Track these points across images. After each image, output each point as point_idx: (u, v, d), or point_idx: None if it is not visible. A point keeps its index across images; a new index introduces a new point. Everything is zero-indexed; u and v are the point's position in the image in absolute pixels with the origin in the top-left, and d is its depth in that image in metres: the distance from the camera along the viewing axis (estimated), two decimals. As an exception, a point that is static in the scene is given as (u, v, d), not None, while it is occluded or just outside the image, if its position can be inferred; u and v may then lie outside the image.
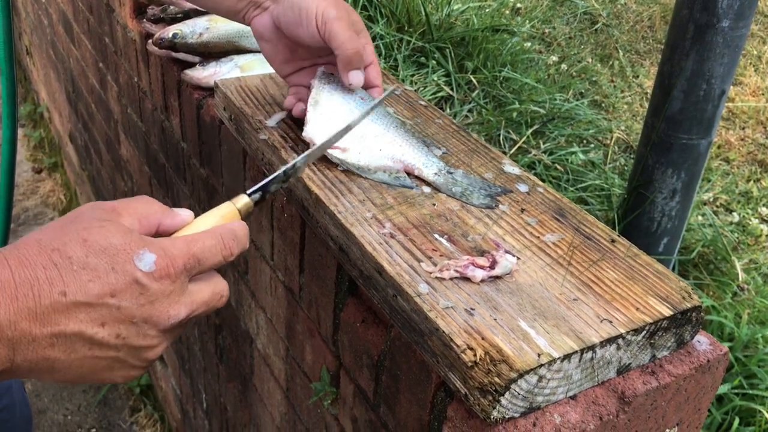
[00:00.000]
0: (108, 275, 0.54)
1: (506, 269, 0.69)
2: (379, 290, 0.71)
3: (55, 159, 3.68)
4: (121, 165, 2.05)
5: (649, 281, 0.70)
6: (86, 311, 0.53)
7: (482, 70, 2.71)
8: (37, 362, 0.53)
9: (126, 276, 0.54)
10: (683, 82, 1.94)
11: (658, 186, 2.09)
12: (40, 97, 3.81)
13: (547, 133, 2.50)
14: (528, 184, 0.85)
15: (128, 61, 1.62)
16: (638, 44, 4.02)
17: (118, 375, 0.59)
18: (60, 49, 2.69)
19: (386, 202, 0.80)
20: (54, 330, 0.52)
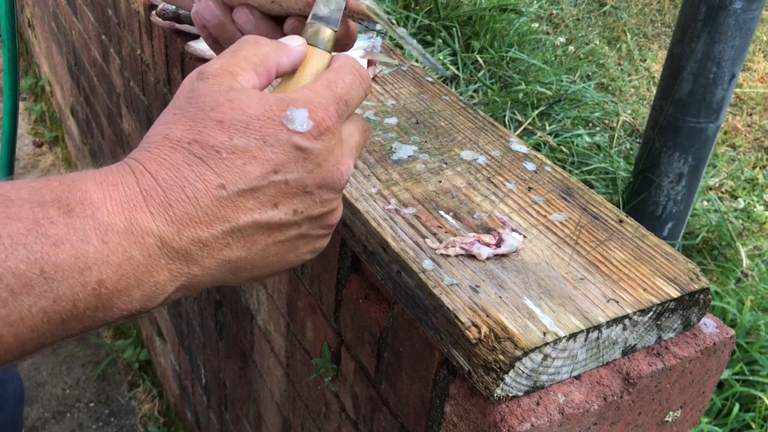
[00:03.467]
0: (263, 151, 0.46)
1: (512, 247, 0.67)
2: (383, 266, 0.70)
3: (56, 133, 3.66)
4: (122, 139, 2.04)
5: (657, 262, 0.69)
6: (253, 197, 0.46)
7: (489, 50, 2.69)
8: (217, 268, 0.47)
9: (283, 145, 0.47)
10: (693, 64, 1.92)
11: (665, 170, 2.07)
12: (42, 71, 3.79)
13: (553, 115, 2.48)
14: (536, 163, 0.84)
15: (131, 33, 1.61)
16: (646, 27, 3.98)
17: (305, 251, 0.52)
18: (62, 21, 2.67)
19: (391, 178, 0.79)
20: (225, 227, 0.46)
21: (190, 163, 0.45)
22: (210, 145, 0.46)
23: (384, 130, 0.89)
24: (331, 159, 0.49)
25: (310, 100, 0.48)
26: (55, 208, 0.42)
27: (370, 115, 0.92)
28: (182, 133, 0.46)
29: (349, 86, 0.51)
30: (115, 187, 0.44)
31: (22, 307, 0.40)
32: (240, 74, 0.49)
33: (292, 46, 0.52)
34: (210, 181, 0.45)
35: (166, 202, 0.44)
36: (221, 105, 0.47)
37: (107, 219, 0.43)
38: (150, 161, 0.46)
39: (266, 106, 0.47)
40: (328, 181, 0.50)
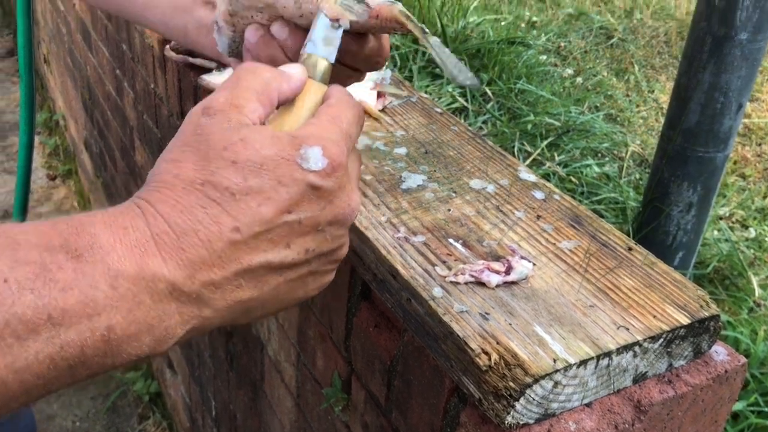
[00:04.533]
0: (278, 192, 0.45)
1: (522, 275, 0.68)
2: (393, 294, 0.71)
3: (69, 166, 3.70)
4: (135, 171, 2.06)
5: (666, 289, 0.69)
6: (267, 238, 0.46)
7: (497, 81, 2.71)
8: (228, 309, 0.47)
9: (298, 184, 0.46)
10: (700, 94, 1.93)
11: (674, 199, 2.07)
12: (57, 105, 3.85)
13: (562, 145, 2.49)
14: (544, 192, 0.84)
15: (145, 67, 1.64)
16: (654, 59, 4.01)
17: (312, 287, 0.52)
18: (77, 57, 2.72)
19: (401, 207, 0.80)
20: (238, 269, 0.45)
21: (204, 205, 0.45)
22: (224, 187, 0.45)
23: (393, 159, 0.90)
24: (343, 195, 0.49)
25: (321, 137, 0.48)
26: (63, 253, 0.41)
27: (380, 145, 0.93)
28: (194, 173, 0.45)
29: (351, 121, 0.51)
30: (125, 231, 0.43)
31: (28, 354, 0.39)
32: (245, 106, 0.48)
33: (292, 73, 0.52)
34: (224, 224, 0.45)
35: (178, 247, 0.44)
36: (234, 144, 0.46)
37: (117, 264, 0.42)
38: (161, 203, 0.45)
39: (279, 146, 0.46)
40: (339, 217, 0.49)
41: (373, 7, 0.56)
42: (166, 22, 0.71)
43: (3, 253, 0.40)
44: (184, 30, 0.70)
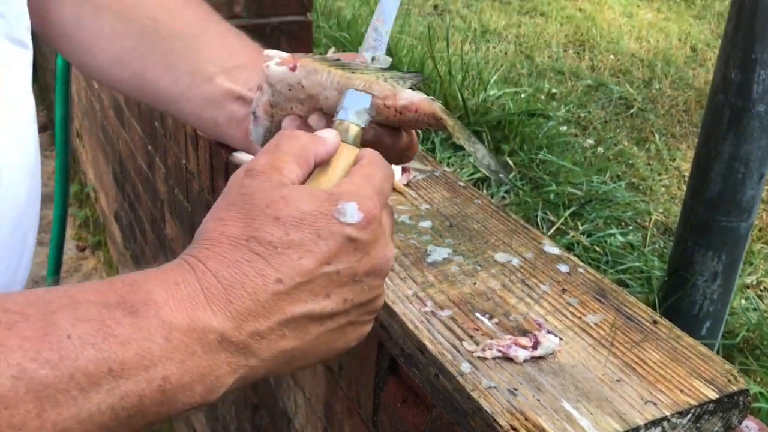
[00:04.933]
0: (317, 245, 0.49)
1: (549, 350, 0.69)
2: (421, 369, 0.72)
3: (98, 238, 3.77)
4: (165, 244, 2.10)
5: (693, 363, 0.70)
6: (307, 289, 0.49)
7: (518, 152, 2.75)
8: (273, 359, 0.49)
9: (336, 238, 0.49)
10: (721, 165, 1.94)
11: (699, 268, 2.06)
12: (87, 178, 3.94)
13: (585, 214, 2.50)
14: (569, 265, 0.86)
15: (177, 144, 1.69)
16: (674, 128, 4.04)
17: (352, 338, 0.54)
18: (110, 132, 2.81)
19: (427, 280, 0.81)
20: (281, 319, 0.48)
21: (249, 259, 0.47)
22: (267, 241, 0.48)
23: (419, 233, 0.92)
24: (378, 246, 0.52)
25: (356, 193, 0.51)
26: (120, 309, 0.44)
27: (405, 219, 0.95)
28: (240, 231, 0.49)
29: (382, 179, 0.55)
30: (176, 286, 0.46)
31: (91, 405, 0.42)
32: (284, 168, 0.52)
33: (326, 138, 0.56)
34: (268, 276, 0.47)
35: (226, 299, 0.46)
36: (276, 202, 0.49)
37: (170, 317, 0.45)
38: (210, 259, 0.48)
39: (318, 202, 0.50)
40: (375, 268, 0.52)
41: (416, 102, 0.60)
42: (198, 114, 0.75)
43: (65, 312, 0.43)
44: (215, 122, 0.74)
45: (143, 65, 0.76)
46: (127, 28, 0.77)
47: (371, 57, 0.64)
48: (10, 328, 0.42)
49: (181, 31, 0.76)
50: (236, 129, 0.73)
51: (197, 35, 0.76)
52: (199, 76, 0.73)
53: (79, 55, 0.81)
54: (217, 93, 0.73)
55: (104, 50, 0.78)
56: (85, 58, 0.81)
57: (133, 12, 0.77)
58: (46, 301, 0.44)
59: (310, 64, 0.61)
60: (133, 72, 0.77)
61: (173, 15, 0.77)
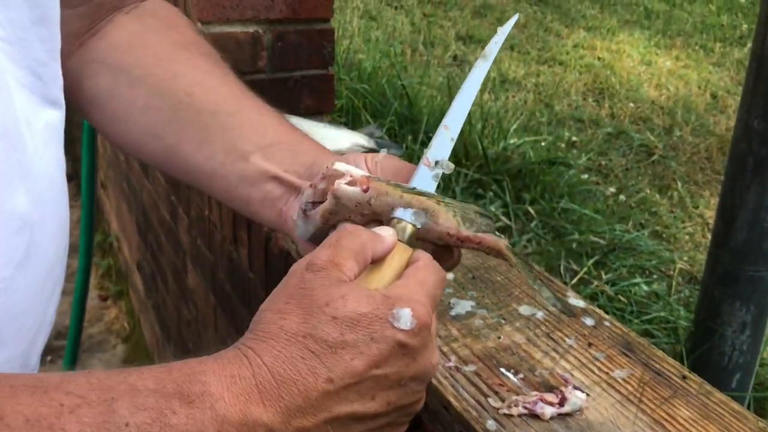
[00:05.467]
0: (369, 347, 0.50)
1: (576, 406, 0.67)
2: (446, 427, 0.71)
3: (120, 287, 3.79)
4: (186, 294, 2.11)
5: (725, 420, 0.68)
6: (355, 390, 0.50)
7: (540, 201, 2.75)
8: None
9: (388, 342, 0.51)
10: (746, 213, 1.93)
11: (727, 319, 2.03)
12: (111, 227, 3.99)
13: (609, 263, 2.48)
14: (594, 318, 0.85)
15: (200, 195, 1.71)
16: (696, 175, 4.02)
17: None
18: (133, 182, 2.85)
19: (451, 334, 0.81)
20: (326, 416, 0.50)
21: (304, 357, 0.49)
22: (323, 340, 0.50)
23: (442, 287, 0.91)
24: (426, 353, 0.53)
25: (411, 298, 0.53)
26: (177, 399, 0.46)
27: (429, 272, 0.95)
28: (298, 326, 0.50)
29: (435, 284, 0.56)
30: (232, 380, 0.48)
31: None
32: (344, 264, 0.54)
33: (385, 237, 0.58)
34: (320, 375, 0.49)
35: (278, 395, 0.48)
36: (335, 301, 0.51)
37: (224, 411, 0.46)
38: (266, 353, 0.49)
39: (374, 305, 0.51)
40: (420, 373, 0.53)
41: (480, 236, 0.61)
42: (231, 192, 0.75)
43: (123, 399, 0.45)
44: (247, 201, 0.74)
45: (177, 140, 0.75)
46: (162, 101, 0.76)
47: (435, 161, 0.65)
48: (72, 412, 0.43)
49: (216, 107, 0.75)
50: (269, 209, 0.72)
51: (233, 112, 0.75)
52: (234, 154, 0.73)
53: (110, 126, 0.80)
54: (251, 172, 0.72)
55: (137, 122, 0.77)
56: (117, 129, 0.80)
57: (168, 86, 0.76)
58: (107, 387, 0.45)
59: (383, 188, 0.61)
60: (165, 146, 0.76)
61: (209, 91, 0.76)
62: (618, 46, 6.05)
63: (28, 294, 0.62)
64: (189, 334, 2.13)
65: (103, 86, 0.78)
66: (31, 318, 0.64)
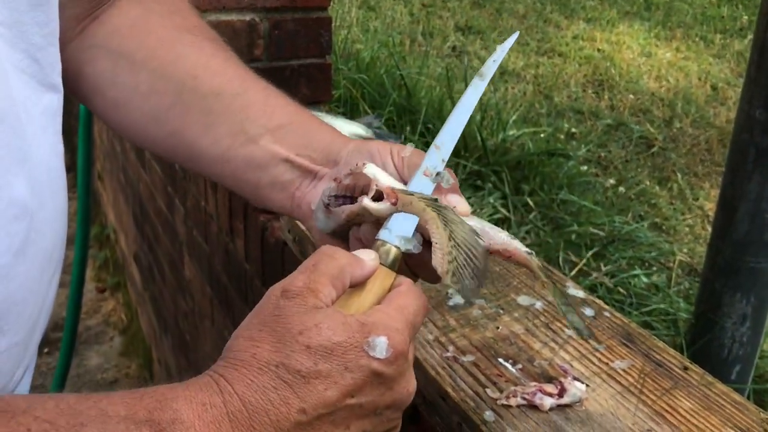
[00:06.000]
0: (344, 377, 0.49)
1: (575, 397, 0.66)
2: (443, 417, 0.69)
3: (117, 279, 3.78)
4: (183, 285, 2.10)
5: (726, 412, 0.67)
6: (329, 420, 0.50)
7: (539, 192, 2.73)
8: None
9: (363, 372, 0.50)
10: (747, 204, 1.91)
11: (727, 311, 2.02)
12: (108, 219, 3.98)
13: (608, 255, 2.47)
14: (593, 309, 0.83)
15: (196, 185, 1.69)
16: (696, 167, 4.01)
17: None
18: (130, 174, 2.83)
19: (448, 325, 0.79)
20: None
21: (276, 386, 0.48)
22: (296, 370, 0.48)
23: (440, 277, 0.90)
24: (402, 381, 0.52)
25: (387, 326, 0.52)
26: (147, 427, 0.45)
27: (426, 262, 0.94)
28: (270, 355, 0.49)
29: (416, 312, 0.55)
30: (203, 408, 0.47)
31: None
32: (321, 291, 0.52)
33: (365, 261, 0.56)
34: (292, 406, 0.48)
35: (249, 425, 0.47)
36: (309, 330, 0.50)
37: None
38: (238, 382, 0.48)
39: (350, 332, 0.50)
40: (397, 402, 0.52)
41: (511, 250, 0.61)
42: (238, 176, 0.72)
43: (93, 425, 0.44)
44: (256, 185, 0.72)
45: (180, 124, 0.73)
46: (165, 85, 0.73)
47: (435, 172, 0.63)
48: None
49: (221, 89, 0.72)
50: (280, 192, 0.70)
51: (239, 94, 0.73)
52: (242, 137, 0.71)
53: (112, 112, 0.78)
54: (261, 155, 0.70)
55: (139, 108, 0.74)
56: (118, 116, 0.77)
57: (171, 69, 0.73)
58: (76, 412, 0.44)
59: (407, 199, 0.58)
60: (169, 131, 0.74)
61: (214, 73, 0.73)
62: (618, 37, 6.03)
63: (27, 282, 0.61)
64: (186, 326, 2.12)
65: (104, 71, 0.75)
66: (30, 306, 0.63)
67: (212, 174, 0.75)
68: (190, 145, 0.73)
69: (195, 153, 0.74)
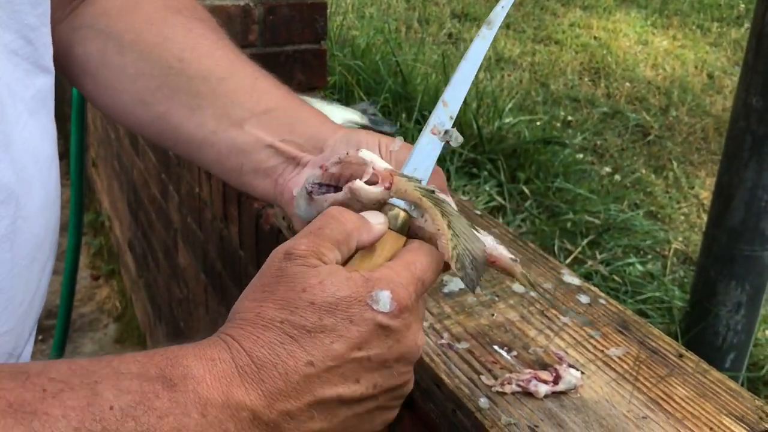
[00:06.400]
0: (349, 330, 0.50)
1: (570, 384, 0.66)
2: (438, 404, 0.69)
3: (112, 266, 3.77)
4: (177, 273, 2.09)
5: (721, 399, 0.67)
6: (338, 373, 0.50)
7: (534, 180, 2.73)
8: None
9: (367, 325, 0.50)
10: (743, 192, 1.91)
11: (722, 299, 2.02)
12: (102, 207, 3.96)
13: (603, 243, 2.47)
14: (589, 296, 0.83)
15: (190, 172, 1.68)
16: (692, 155, 4.01)
17: (378, 422, 0.55)
18: (124, 160, 2.82)
19: (443, 312, 0.79)
20: (311, 401, 0.49)
21: (282, 341, 0.49)
22: (301, 325, 0.49)
23: (435, 264, 0.90)
24: (409, 334, 0.52)
25: (392, 280, 0.52)
26: (160, 383, 0.46)
27: (421, 249, 0.93)
28: (274, 312, 0.50)
29: (425, 267, 0.54)
30: (213, 363, 0.48)
31: None
32: (325, 254, 0.52)
33: (373, 224, 0.55)
34: (299, 359, 0.48)
35: (259, 378, 0.48)
36: (312, 287, 0.50)
37: (206, 394, 0.46)
38: (245, 339, 0.49)
39: (353, 288, 0.50)
40: (406, 355, 0.52)
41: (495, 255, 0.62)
42: (221, 161, 0.71)
43: (107, 382, 0.45)
44: (239, 170, 0.71)
45: (167, 107, 0.72)
46: (152, 67, 0.72)
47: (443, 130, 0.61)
48: (55, 397, 0.43)
49: (208, 72, 0.72)
50: (263, 179, 0.69)
51: (225, 77, 0.72)
52: (227, 121, 0.70)
53: (100, 94, 0.77)
54: (245, 140, 0.69)
55: (127, 90, 0.74)
56: (107, 98, 0.76)
57: (158, 51, 0.72)
58: (89, 371, 0.45)
59: (402, 185, 0.57)
60: (155, 114, 0.73)
61: (201, 56, 0.72)
62: (614, 25, 6.01)
63: (16, 269, 0.60)
64: (180, 313, 2.12)
65: (93, 53, 0.74)
66: (20, 294, 0.62)
67: (198, 159, 0.74)
68: (176, 129, 0.72)
69: (181, 137, 0.73)
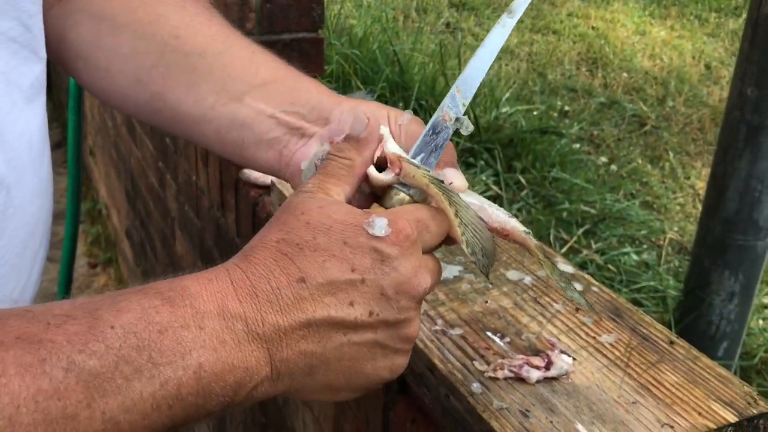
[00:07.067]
0: (342, 251, 0.50)
1: (562, 370, 0.67)
2: (431, 389, 0.70)
3: (109, 254, 3.77)
4: (175, 261, 2.10)
5: (711, 385, 0.68)
6: (330, 293, 0.50)
7: (531, 170, 2.73)
8: (294, 361, 0.50)
9: (362, 247, 0.51)
10: (738, 183, 1.92)
11: (716, 288, 2.04)
12: (100, 195, 3.96)
13: (599, 233, 2.48)
14: (582, 283, 0.84)
15: (188, 160, 1.69)
16: (688, 146, 4.02)
17: (383, 366, 0.54)
18: (122, 149, 2.82)
19: (437, 298, 0.80)
20: (302, 318, 0.49)
21: (276, 258, 0.50)
22: (295, 243, 0.51)
23: (430, 251, 0.90)
24: (407, 265, 0.52)
25: (393, 212, 0.54)
26: (159, 299, 0.47)
27: (416, 237, 0.94)
28: (272, 235, 0.52)
29: (430, 217, 0.55)
30: (209, 281, 0.50)
31: (134, 393, 0.44)
32: (331, 189, 0.55)
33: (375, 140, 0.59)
34: (292, 275, 0.50)
35: (252, 291, 0.49)
36: (311, 210, 0.52)
37: (203, 307, 0.48)
38: (242, 261, 0.51)
39: (351, 214, 0.52)
40: (404, 286, 0.52)
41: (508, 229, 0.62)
42: (222, 136, 0.71)
43: (108, 307, 0.46)
44: (240, 144, 0.70)
45: (163, 85, 0.72)
46: (147, 46, 0.72)
47: (455, 117, 0.61)
48: (59, 327, 0.44)
49: (204, 48, 0.71)
50: (266, 151, 0.69)
51: (222, 52, 0.71)
52: (226, 95, 0.69)
53: (94, 78, 0.76)
54: (246, 113, 0.69)
55: (121, 71, 0.73)
56: (102, 81, 0.76)
57: (152, 29, 0.72)
58: (89, 303, 0.47)
59: (411, 171, 0.57)
60: (152, 93, 0.72)
61: (196, 32, 0.72)
62: (612, 15, 6.00)
63: (7, 256, 0.61)
64: (178, 301, 2.12)
65: (86, 36, 0.74)
66: (12, 283, 0.63)
67: (196, 136, 0.74)
68: (173, 107, 0.72)
69: (178, 115, 0.72)
